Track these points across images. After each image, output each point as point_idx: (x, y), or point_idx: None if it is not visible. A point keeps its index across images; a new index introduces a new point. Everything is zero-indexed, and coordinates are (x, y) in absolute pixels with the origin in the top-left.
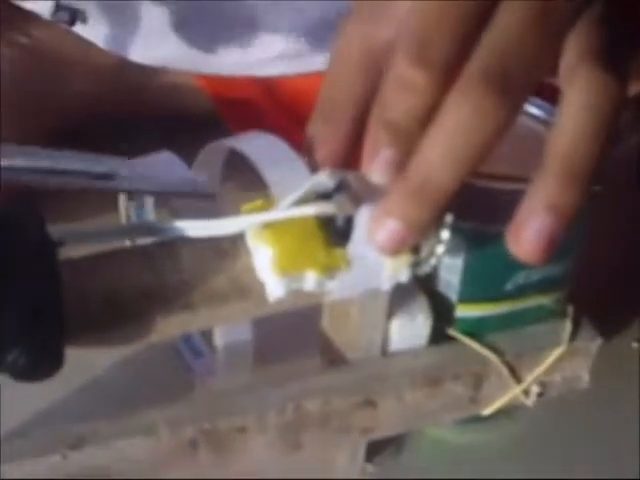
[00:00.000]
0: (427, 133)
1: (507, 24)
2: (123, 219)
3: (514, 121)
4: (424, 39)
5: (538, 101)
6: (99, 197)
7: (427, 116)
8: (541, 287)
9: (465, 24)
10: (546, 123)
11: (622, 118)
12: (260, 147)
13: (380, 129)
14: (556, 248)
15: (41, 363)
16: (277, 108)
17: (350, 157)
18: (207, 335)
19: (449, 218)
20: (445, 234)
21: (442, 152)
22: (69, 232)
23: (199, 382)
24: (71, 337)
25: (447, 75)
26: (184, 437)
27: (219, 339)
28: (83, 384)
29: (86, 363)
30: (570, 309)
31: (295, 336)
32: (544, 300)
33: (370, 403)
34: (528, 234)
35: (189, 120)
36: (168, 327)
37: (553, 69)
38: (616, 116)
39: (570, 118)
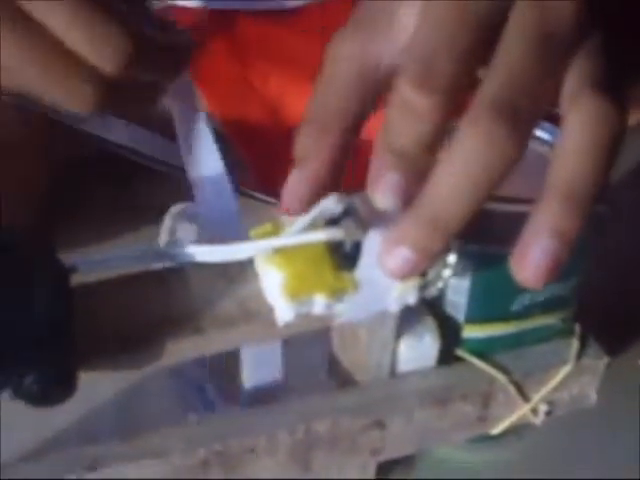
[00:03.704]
0: (439, 163)
1: (513, 54)
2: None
3: (525, 151)
4: (429, 64)
5: (541, 123)
6: (113, 221)
7: (433, 141)
8: (547, 306)
9: (470, 49)
10: (549, 144)
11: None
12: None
13: (386, 153)
14: (559, 272)
15: (55, 388)
16: (283, 129)
17: (340, 173)
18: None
19: (456, 242)
20: (452, 258)
21: (455, 184)
22: (81, 258)
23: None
24: (83, 362)
25: (452, 100)
26: (196, 458)
27: (247, 381)
28: (95, 407)
29: (98, 386)
30: (577, 328)
31: (305, 357)
32: (550, 319)
33: (379, 424)
34: (532, 259)
35: None
36: (179, 351)
37: (554, 97)
38: (617, 143)
39: (572, 145)
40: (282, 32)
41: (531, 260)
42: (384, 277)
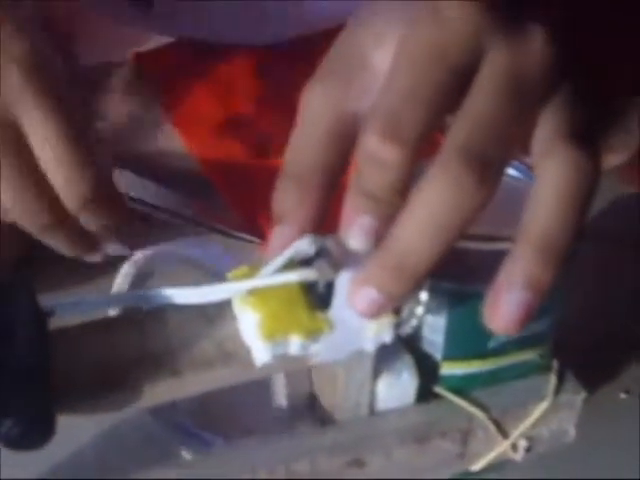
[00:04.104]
0: (406, 207)
1: (484, 100)
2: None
3: (492, 197)
4: (394, 115)
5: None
6: (88, 266)
7: (403, 186)
8: (524, 343)
9: (437, 100)
10: (520, 181)
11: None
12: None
13: (358, 196)
14: (530, 320)
15: (34, 432)
16: (268, 168)
17: (320, 224)
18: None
19: (428, 280)
20: (424, 296)
21: (421, 228)
22: (59, 302)
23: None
24: (62, 405)
25: (419, 148)
26: None
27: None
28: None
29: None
30: (554, 363)
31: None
32: (528, 355)
33: (358, 462)
34: (504, 310)
35: (178, 184)
36: (156, 394)
37: (525, 144)
38: (591, 191)
39: (545, 195)
40: (266, 67)
41: (503, 310)
42: (357, 317)
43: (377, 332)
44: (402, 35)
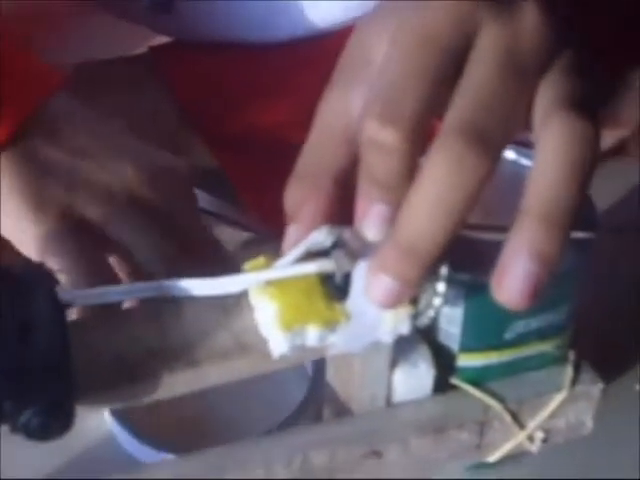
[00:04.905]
0: (410, 191)
1: (480, 77)
2: None
3: (493, 173)
4: (389, 98)
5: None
6: None
7: (408, 170)
8: (541, 334)
9: (432, 80)
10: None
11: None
12: None
13: (369, 186)
14: (541, 294)
15: (53, 423)
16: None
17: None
18: None
19: (445, 270)
20: (441, 286)
21: (427, 209)
22: (77, 293)
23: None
24: (80, 396)
25: (421, 129)
26: None
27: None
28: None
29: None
30: (571, 354)
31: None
32: (545, 347)
33: (376, 454)
34: (512, 281)
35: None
36: (174, 385)
37: (526, 118)
38: (592, 159)
39: (547, 164)
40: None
41: (512, 282)
42: (374, 307)
43: (394, 323)
44: (396, 23)
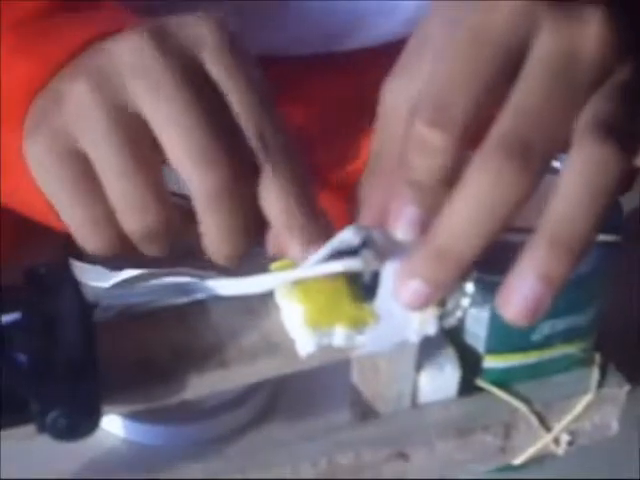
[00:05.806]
0: (450, 200)
1: (530, 87)
2: None
3: (534, 190)
4: (441, 100)
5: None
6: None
7: (449, 175)
8: (567, 336)
9: (485, 83)
10: None
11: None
12: None
13: (405, 187)
14: (544, 313)
15: (79, 423)
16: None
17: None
18: None
19: (473, 272)
20: (470, 287)
21: (464, 221)
22: (103, 293)
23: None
24: (107, 396)
25: (467, 134)
26: None
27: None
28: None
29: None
30: (597, 357)
31: (326, 390)
32: (571, 349)
33: (401, 455)
34: (517, 299)
35: None
36: (202, 385)
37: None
38: (613, 189)
39: (568, 187)
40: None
41: (514, 299)
42: (402, 308)
43: (421, 324)
44: (453, 20)
